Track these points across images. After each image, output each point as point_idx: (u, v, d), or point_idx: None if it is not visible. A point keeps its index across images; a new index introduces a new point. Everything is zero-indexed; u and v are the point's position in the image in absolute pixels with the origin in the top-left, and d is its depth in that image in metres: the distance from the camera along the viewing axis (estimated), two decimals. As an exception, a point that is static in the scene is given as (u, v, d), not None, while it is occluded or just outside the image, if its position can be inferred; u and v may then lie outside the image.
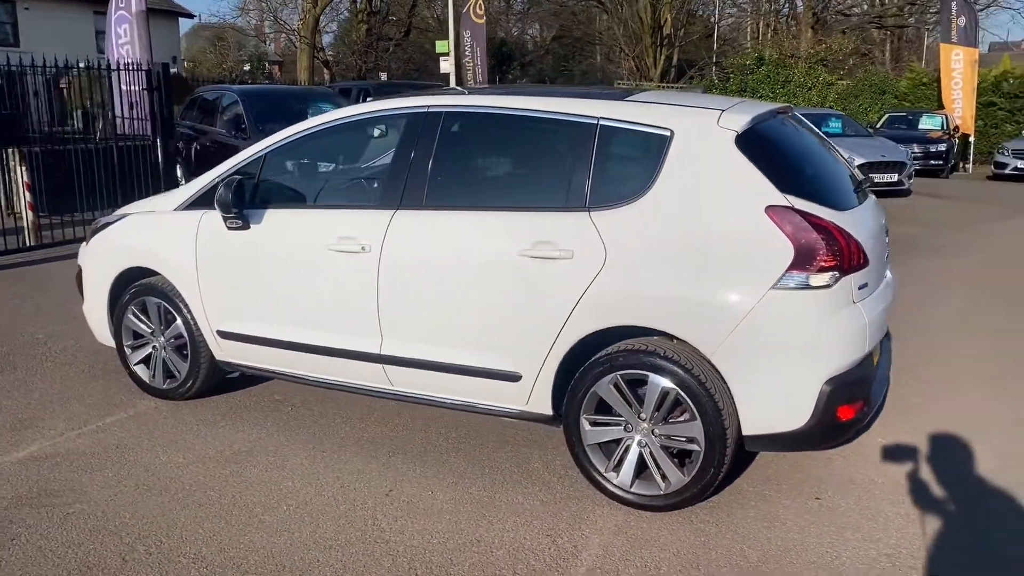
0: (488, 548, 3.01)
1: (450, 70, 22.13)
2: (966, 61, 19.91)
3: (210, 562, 2.91)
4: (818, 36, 26.36)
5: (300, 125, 3.95)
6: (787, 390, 2.98)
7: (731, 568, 2.88)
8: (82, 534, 3.09)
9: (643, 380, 3.16)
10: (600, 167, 3.23)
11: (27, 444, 3.87)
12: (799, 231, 2.91)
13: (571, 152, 3.31)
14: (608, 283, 3.13)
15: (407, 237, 3.53)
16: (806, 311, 2.92)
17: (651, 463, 3.21)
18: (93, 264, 4.50)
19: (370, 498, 3.38)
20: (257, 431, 4.03)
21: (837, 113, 15.08)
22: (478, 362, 3.47)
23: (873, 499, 3.36)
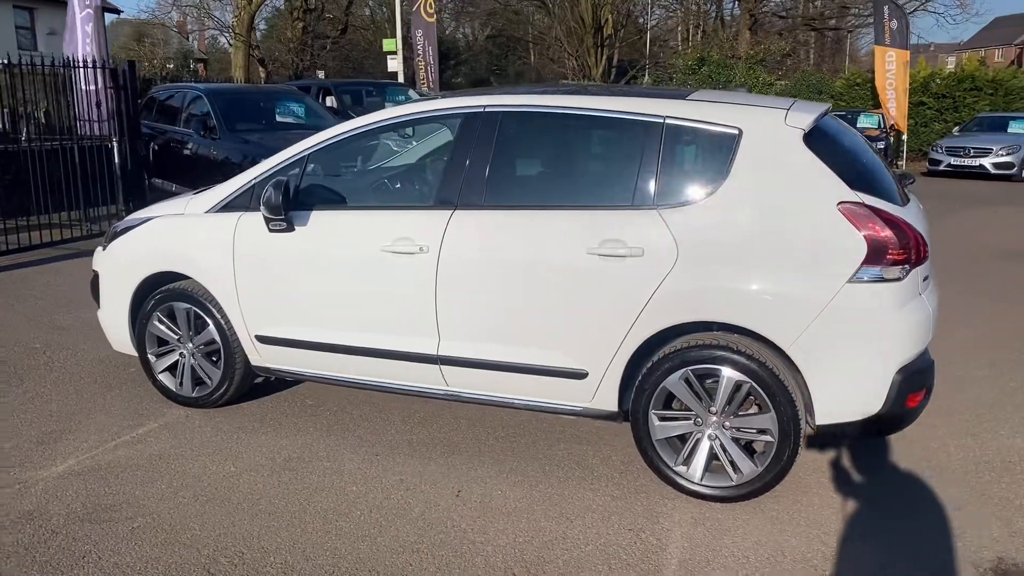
0: (576, 545, 3.03)
1: (398, 68, 21.97)
2: (898, 62, 20.74)
3: (300, 570, 2.86)
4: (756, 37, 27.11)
5: (345, 125, 3.88)
6: (862, 379, 3.09)
7: (815, 554, 2.97)
8: (155, 548, 2.99)
9: (714, 374, 3.23)
10: (667, 165, 3.29)
11: (62, 458, 3.71)
12: (872, 226, 3.02)
13: (637, 151, 3.35)
14: (681, 280, 3.19)
15: (467, 237, 3.52)
16: (881, 303, 3.04)
17: (722, 455, 3.29)
18: (113, 269, 4.34)
19: (440, 500, 3.36)
20: (302, 437, 3.96)
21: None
22: (542, 361, 3.48)
23: (937, 483, 3.51)
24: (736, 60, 24.88)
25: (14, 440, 3.89)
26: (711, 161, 3.27)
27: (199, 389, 4.25)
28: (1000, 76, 21.24)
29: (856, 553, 2.98)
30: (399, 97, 13.87)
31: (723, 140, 3.24)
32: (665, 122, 3.32)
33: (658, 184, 3.28)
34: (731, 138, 3.23)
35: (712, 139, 3.27)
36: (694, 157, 3.34)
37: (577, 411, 3.55)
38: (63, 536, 3.06)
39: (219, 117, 9.49)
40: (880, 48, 21.14)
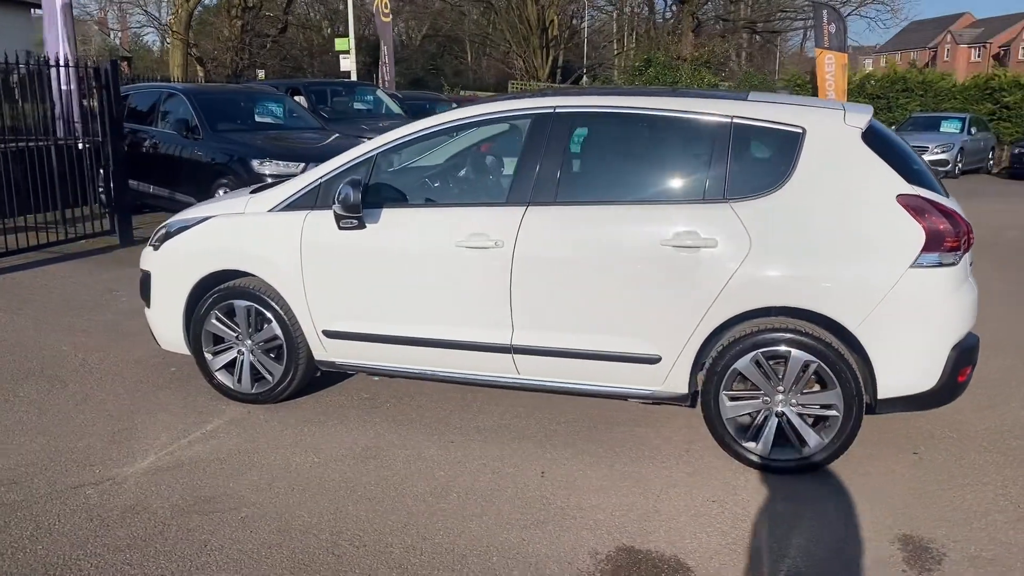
0: (669, 516, 3.25)
1: (351, 68, 21.86)
2: (837, 64, 21.68)
3: (423, 550, 3.00)
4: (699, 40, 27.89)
5: (413, 127, 4.01)
6: (921, 356, 3.40)
7: (893, 515, 3.26)
8: (272, 535, 3.09)
9: (782, 355, 3.49)
10: (736, 161, 3.54)
11: (141, 456, 3.74)
12: (930, 216, 3.33)
13: (707, 148, 3.59)
14: (755, 268, 3.44)
15: (542, 231, 3.70)
16: (938, 286, 3.35)
17: (789, 431, 3.55)
18: (168, 268, 4.36)
19: (530, 480, 3.54)
20: (371, 428, 4.08)
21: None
22: (616, 347, 3.69)
23: (965, 451, 3.85)
24: (681, 62, 25.56)
25: (85, 439, 3.90)
26: (777, 157, 3.53)
27: (258, 385, 4.32)
28: (930, 78, 22.40)
29: (920, 513, 3.28)
30: (367, 97, 13.88)
31: (788, 138, 3.51)
32: (733, 121, 3.57)
33: (728, 179, 3.53)
34: (796, 136, 3.50)
35: (778, 137, 3.54)
36: (761, 154, 3.59)
37: (647, 395, 3.77)
38: (176, 527, 3.13)
39: (201, 117, 9.39)
40: (820, 51, 22.04)
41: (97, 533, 3.08)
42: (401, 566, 2.89)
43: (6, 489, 3.40)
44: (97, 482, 3.49)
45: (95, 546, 3.00)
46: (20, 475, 3.53)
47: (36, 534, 3.07)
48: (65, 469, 3.60)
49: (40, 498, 3.34)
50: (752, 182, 3.53)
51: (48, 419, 4.13)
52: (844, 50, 22.00)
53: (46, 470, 3.58)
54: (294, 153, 8.81)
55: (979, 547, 3.04)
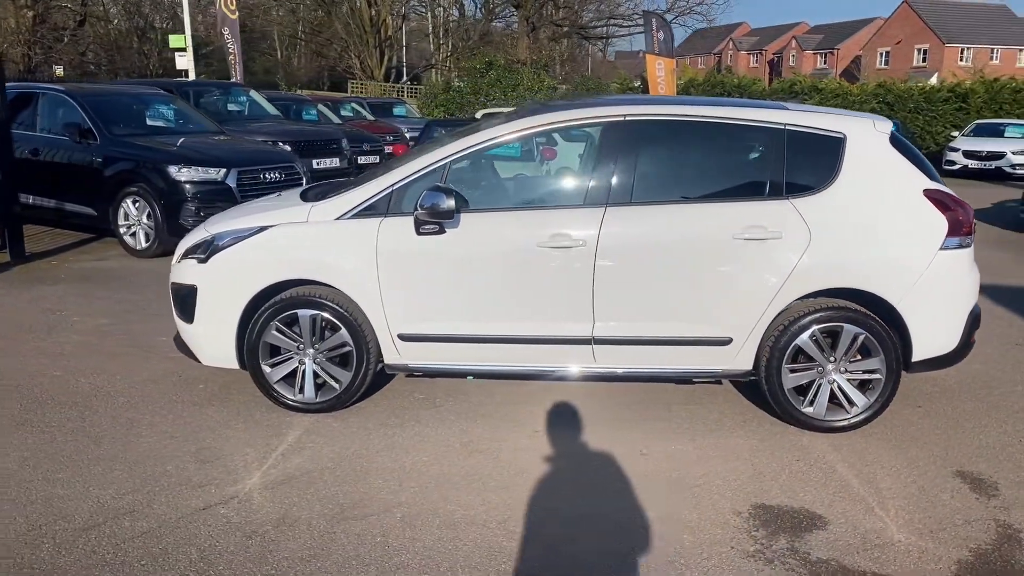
0: (772, 476, 3.71)
1: (188, 66, 20.69)
2: (667, 70, 23.42)
3: (587, 528, 3.24)
4: (534, 44, 28.96)
5: (486, 134, 4.16)
6: (947, 323, 4.10)
7: (939, 456, 3.92)
8: (444, 529, 3.21)
9: (836, 330, 4.06)
10: (792, 163, 4.06)
11: (245, 473, 3.66)
12: (951, 207, 4.02)
13: (766, 152, 4.08)
14: (815, 255, 3.97)
15: (622, 230, 4.03)
16: (959, 265, 4.05)
17: (840, 395, 4.13)
18: (221, 281, 4.22)
19: (635, 459, 3.86)
20: (454, 425, 4.21)
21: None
22: (690, 333, 4.10)
23: (958, 401, 4.63)
24: (521, 65, 26.44)
25: (171, 463, 3.74)
26: (825, 159, 4.08)
27: (322, 393, 4.30)
28: (744, 82, 24.75)
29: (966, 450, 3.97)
30: (240, 98, 13.30)
31: (833, 143, 4.08)
32: (786, 128, 4.09)
33: (786, 178, 4.05)
34: (839, 141, 4.07)
35: (824, 142, 4.09)
36: (812, 156, 4.12)
37: (717, 373, 4.22)
38: (343, 534, 3.16)
39: (95, 120, 8.70)
40: (651, 56, 23.69)
41: (269, 548, 3.05)
42: (575, 541, 3.13)
43: (130, 520, 3.23)
44: (223, 501, 3.39)
45: (279, 560, 2.98)
46: (132, 504, 3.36)
47: (206, 558, 2.99)
48: (176, 493, 3.46)
49: (174, 523, 3.22)
50: (806, 181, 4.06)
51: (110, 447, 3.89)
52: (672, 56, 23.81)
53: (156, 496, 3.43)
54: (216, 159, 8.43)
55: (1018, 474, 3.75)
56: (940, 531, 3.26)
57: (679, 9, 29.06)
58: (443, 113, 25.50)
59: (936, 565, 3.03)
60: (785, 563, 3.02)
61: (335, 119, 16.51)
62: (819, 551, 3.10)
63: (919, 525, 3.31)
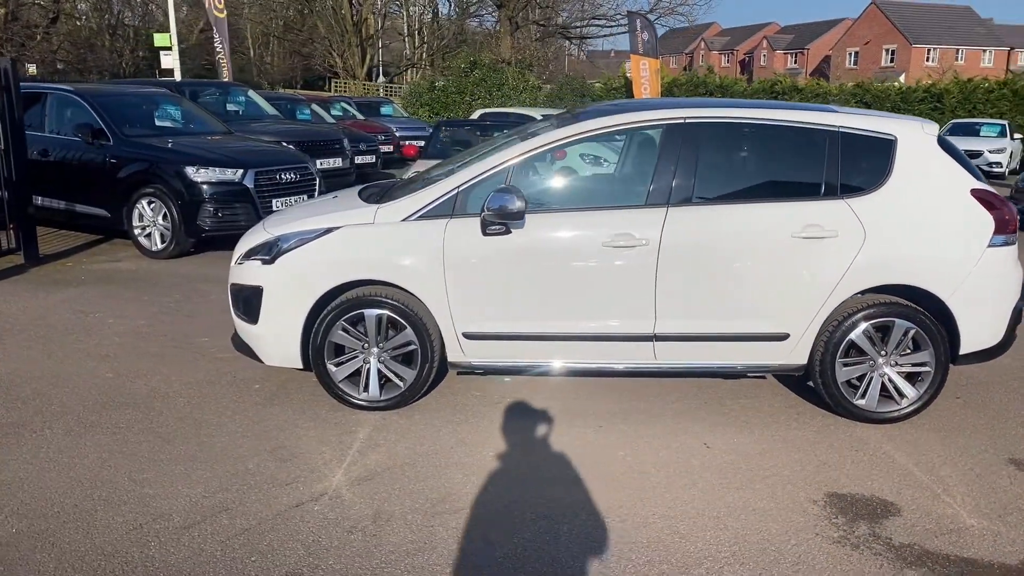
0: (838, 466, 3.85)
1: (174, 65, 20.48)
2: (651, 69, 23.70)
3: (682, 518, 3.36)
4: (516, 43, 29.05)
5: (547, 137, 4.26)
6: (993, 318, 4.27)
7: (986, 444, 4.09)
8: (566, 520, 3.29)
9: (888, 325, 4.22)
10: (846, 164, 4.21)
11: (327, 470, 3.72)
12: (997, 206, 4.20)
13: (821, 153, 4.22)
14: (870, 253, 4.12)
15: (684, 229, 4.15)
16: (1005, 261, 4.23)
17: (891, 387, 4.29)
18: (288, 282, 4.27)
19: (698, 451, 3.99)
20: (518, 421, 4.30)
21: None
22: (749, 328, 4.24)
23: (991, 392, 4.82)
24: (505, 64, 26.53)
25: (251, 461, 3.79)
26: (878, 160, 4.23)
27: (386, 391, 4.37)
28: (725, 82, 25.10)
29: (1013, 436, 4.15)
30: (239, 98, 13.23)
31: (884, 144, 4.23)
32: (840, 130, 4.23)
33: (840, 179, 4.19)
34: (890, 143, 4.23)
35: (876, 143, 4.24)
36: (864, 157, 4.27)
37: (772, 368, 4.36)
38: (440, 527, 3.24)
39: (107, 121, 8.64)
40: (635, 57, 23.98)
41: (372, 543, 3.12)
42: (677, 531, 3.24)
43: (228, 517, 3.28)
44: (314, 498, 3.45)
45: (384, 554, 3.05)
46: (225, 502, 3.40)
47: (313, 553, 3.05)
48: (265, 491, 3.51)
49: (272, 520, 3.27)
50: (860, 181, 4.21)
51: (185, 447, 3.93)
52: (656, 56, 24.08)
53: (247, 494, 3.48)
54: (233, 159, 8.41)
55: (1067, 460, 3.94)
56: (1007, 515, 3.42)
57: (661, 9, 29.43)
58: (428, 112, 25.52)
59: (1012, 547, 3.18)
60: (871, 548, 3.16)
61: (328, 119, 16.48)
62: (899, 536, 3.24)
63: (987, 510, 3.46)
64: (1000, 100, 23.41)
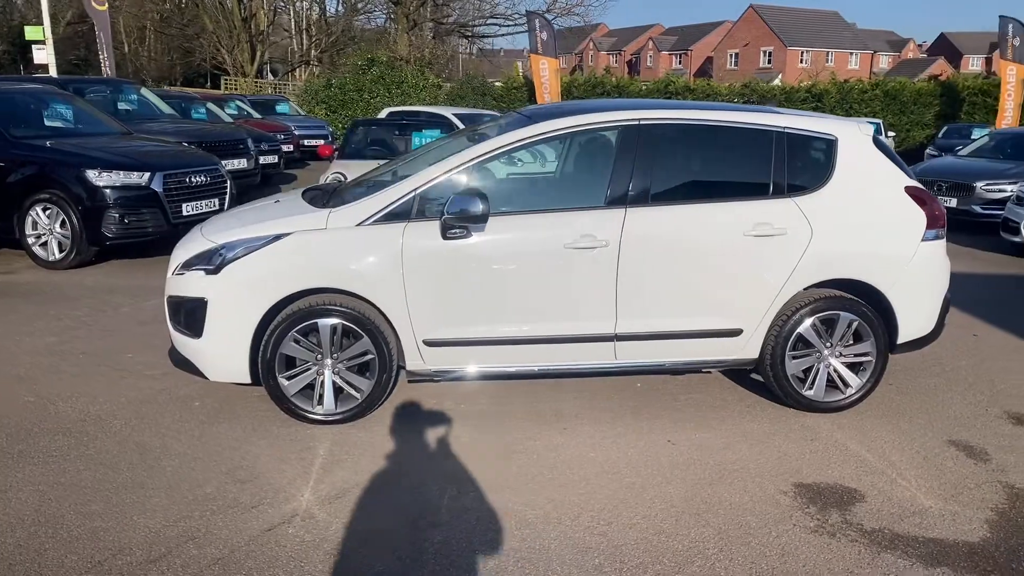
0: (798, 456, 3.98)
1: (48, 60, 19.17)
2: (551, 69, 23.93)
3: (663, 517, 3.38)
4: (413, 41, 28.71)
5: (503, 139, 4.20)
6: (927, 308, 4.52)
7: (926, 427, 4.32)
8: (551, 525, 3.25)
9: (834, 318, 4.39)
10: (791, 164, 4.35)
11: (293, 490, 3.54)
12: (928, 202, 4.44)
13: (769, 153, 4.34)
14: (817, 249, 4.28)
15: (642, 229, 4.18)
16: (937, 254, 4.48)
17: (836, 377, 4.48)
18: (235, 292, 4.04)
19: (663, 448, 4.03)
20: (479, 429, 4.23)
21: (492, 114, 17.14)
22: (704, 325, 4.32)
23: (916, 378, 5.10)
24: (403, 62, 26.19)
25: (209, 485, 3.56)
26: (821, 160, 4.40)
27: (342, 403, 4.21)
28: (622, 83, 25.65)
29: (950, 420, 4.41)
30: (131, 96, 12.47)
31: (827, 144, 4.40)
32: (786, 131, 4.37)
33: (788, 178, 4.33)
34: (832, 143, 4.40)
35: (819, 144, 4.41)
36: (808, 157, 4.42)
37: (727, 363, 4.46)
38: (427, 542, 3.14)
39: (-3, 124, 7.98)
40: (535, 56, 24.14)
41: (364, 565, 2.99)
42: (662, 531, 3.26)
43: (196, 547, 3.07)
44: (285, 520, 3.28)
45: (375, 574, 2.93)
46: (189, 531, 3.18)
47: (298, 578, 2.90)
48: (231, 515, 3.30)
49: (245, 547, 3.08)
50: (805, 180, 4.36)
51: (132, 473, 3.65)
52: (556, 56, 24.33)
53: (211, 520, 3.26)
54: (139, 162, 7.92)
55: (999, 440, 4.20)
56: (959, 495, 3.62)
57: (558, 10, 29.76)
58: (325, 110, 24.91)
59: (970, 526, 3.37)
60: (846, 535, 3.27)
61: (226, 118, 15.82)
62: (869, 522, 3.38)
63: (940, 491, 3.66)
64: (873, 100, 24.90)
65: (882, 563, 3.08)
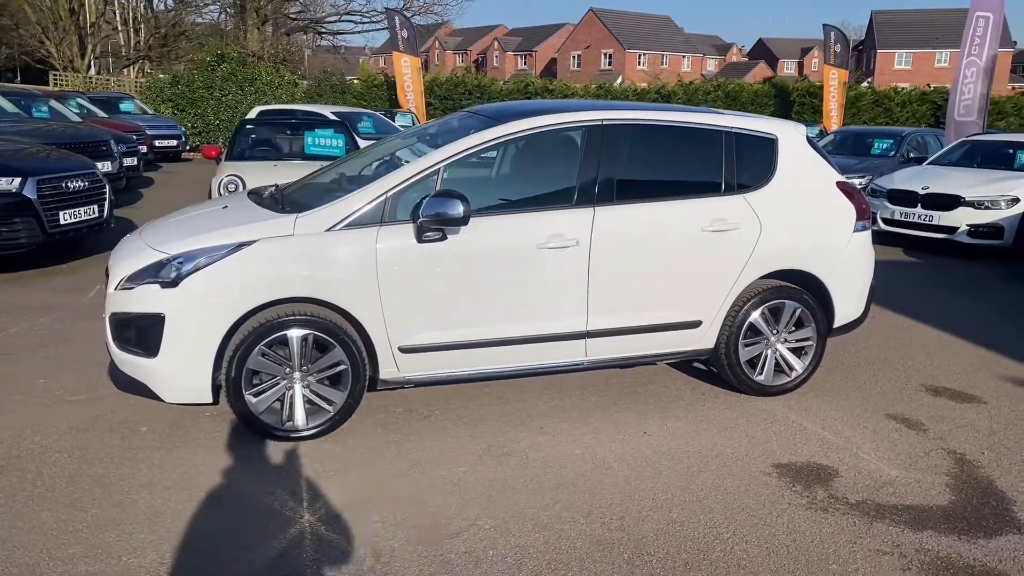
0: (765, 440, 4.21)
1: None
2: (413, 67, 23.76)
3: (657, 517, 3.48)
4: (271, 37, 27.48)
5: (470, 140, 4.14)
6: (857, 294, 4.89)
7: (865, 402, 4.69)
8: (568, 525, 3.24)
9: (780, 307, 4.67)
10: (740, 162, 4.58)
11: (291, 511, 3.35)
12: (856, 196, 4.81)
13: (720, 152, 4.54)
14: (766, 243, 4.54)
15: (610, 228, 4.27)
16: (866, 244, 4.86)
17: (782, 362, 4.77)
18: (198, 307, 3.75)
19: (641, 440, 4.14)
20: (459, 434, 4.17)
21: (369, 112, 16.80)
22: (668, 319, 4.48)
23: (839, 361, 5.51)
24: (256, 59, 25.09)
25: (194, 515, 3.29)
26: (764, 158, 4.65)
27: (313, 418, 4.02)
28: (483, 82, 25.90)
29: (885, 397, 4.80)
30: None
31: (768, 143, 4.67)
32: (733, 131, 4.60)
33: (737, 176, 4.56)
34: (772, 142, 4.68)
35: (761, 143, 4.66)
36: (754, 155, 4.65)
37: (688, 354, 4.64)
38: (451, 553, 3.07)
39: None
40: (397, 54, 23.91)
41: None
42: (673, 520, 3.36)
43: (208, 582, 2.84)
44: (295, 544, 3.09)
45: None
46: (195, 566, 2.94)
47: (335, 605, 2.74)
48: (233, 544, 3.07)
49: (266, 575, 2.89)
50: (751, 178, 4.60)
51: (99, 511, 3.31)
52: (417, 54, 24.17)
53: (212, 553, 3.02)
54: (7, 166, 7.14)
55: (929, 411, 4.63)
56: (915, 464, 3.97)
57: (416, 8, 29.49)
58: (171, 109, 23.45)
59: (935, 491, 3.69)
60: (837, 509, 3.50)
61: (73, 117, 14.54)
62: (852, 495, 3.63)
63: (898, 462, 3.98)
64: (716, 101, 26.54)
65: (877, 531, 3.32)
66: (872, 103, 26.39)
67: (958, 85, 15.27)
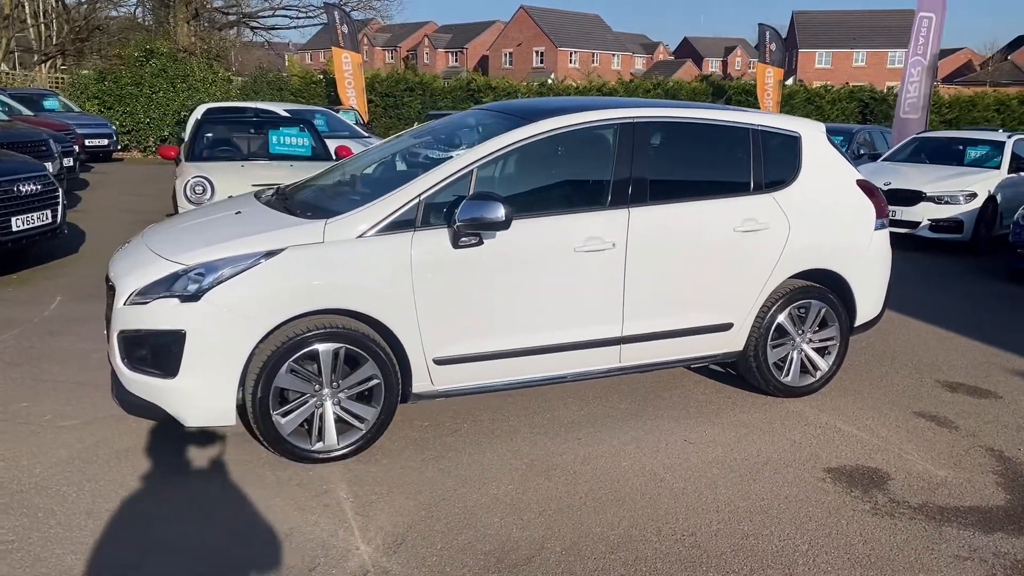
0: (807, 444, 4.13)
1: None
2: (354, 64, 23.20)
3: (721, 518, 3.36)
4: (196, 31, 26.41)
5: (503, 139, 3.92)
6: (877, 292, 4.87)
7: (895, 398, 4.68)
8: (637, 543, 3.08)
9: (806, 306, 4.62)
10: (768, 160, 4.50)
11: (344, 541, 3.09)
12: (876, 194, 4.79)
13: (749, 150, 4.45)
14: (795, 242, 4.47)
15: (645, 229, 4.13)
16: (885, 242, 4.84)
17: (808, 363, 4.72)
18: (223, 322, 3.44)
19: (682, 447, 4.02)
20: (499, 446, 3.97)
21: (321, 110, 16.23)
22: (703, 321, 4.37)
23: (858, 359, 5.52)
24: (188, 55, 24.12)
25: (240, 547, 3.00)
26: (789, 156, 4.58)
27: (343, 437, 3.75)
28: (425, 79, 25.49)
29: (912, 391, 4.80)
30: None
31: (792, 141, 4.60)
32: (760, 128, 4.51)
33: (765, 175, 4.48)
34: (796, 139, 4.61)
35: (786, 140, 4.59)
36: (779, 154, 4.58)
37: (718, 357, 4.53)
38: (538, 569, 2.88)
39: None
40: (337, 50, 23.28)
41: (479, 619, 2.66)
42: (745, 533, 3.23)
43: (276, 629, 2.58)
44: None
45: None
46: (256, 611, 2.67)
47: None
48: None
49: (333, 620, 2.64)
50: (778, 176, 4.53)
51: (134, 548, 2.99)
52: (358, 50, 23.62)
53: (273, 594, 2.76)
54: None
55: (954, 408, 4.65)
56: (959, 463, 3.95)
57: (355, 3, 28.82)
58: (98, 106, 22.34)
59: (988, 490, 3.68)
60: (903, 514, 3.44)
61: (2, 116, 13.64)
62: (911, 498, 3.58)
63: (942, 461, 3.96)
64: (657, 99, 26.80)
65: (949, 536, 3.27)
66: (804, 101, 27.06)
67: (904, 84, 15.72)
